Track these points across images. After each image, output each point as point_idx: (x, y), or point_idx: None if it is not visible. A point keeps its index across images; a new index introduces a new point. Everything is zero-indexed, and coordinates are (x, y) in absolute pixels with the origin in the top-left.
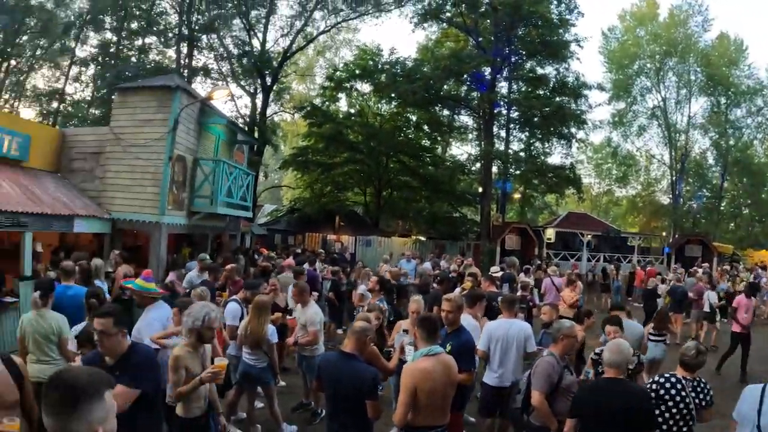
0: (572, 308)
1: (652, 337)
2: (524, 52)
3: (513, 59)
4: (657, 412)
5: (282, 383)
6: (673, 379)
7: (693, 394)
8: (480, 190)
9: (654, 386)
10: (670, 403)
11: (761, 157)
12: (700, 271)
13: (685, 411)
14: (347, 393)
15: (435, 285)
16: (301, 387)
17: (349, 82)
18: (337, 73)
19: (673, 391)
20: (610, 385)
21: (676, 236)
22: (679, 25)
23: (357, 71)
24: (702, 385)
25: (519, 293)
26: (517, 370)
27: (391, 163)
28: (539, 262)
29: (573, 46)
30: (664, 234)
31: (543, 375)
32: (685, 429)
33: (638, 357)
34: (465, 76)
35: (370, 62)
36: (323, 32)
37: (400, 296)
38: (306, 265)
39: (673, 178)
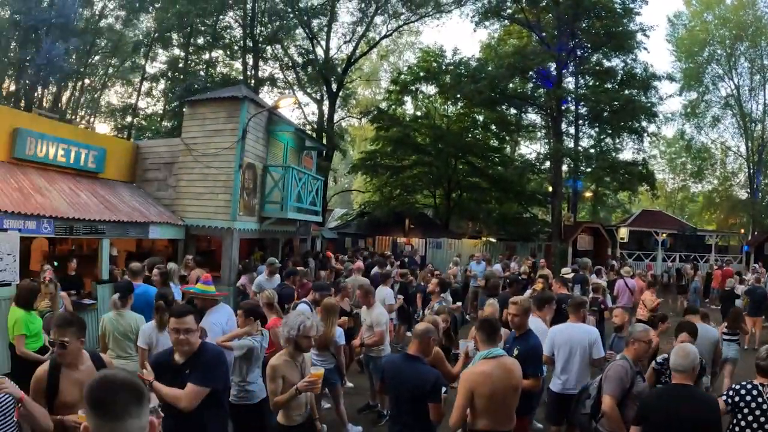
0: (653, 312)
1: (725, 337)
2: (589, 45)
3: (578, 53)
4: (734, 420)
5: (349, 384)
6: (749, 386)
7: None
8: (550, 189)
9: (730, 393)
10: (746, 410)
11: None
12: None
13: (763, 419)
14: (409, 395)
15: (505, 288)
16: (367, 388)
17: (413, 84)
18: (402, 76)
19: (748, 398)
20: (678, 392)
21: (756, 233)
22: (748, 6)
23: (421, 73)
24: None
25: (590, 295)
26: (582, 375)
27: (460, 164)
28: (613, 262)
29: (639, 36)
30: (742, 231)
31: (615, 379)
32: None
33: (701, 361)
34: (530, 73)
35: (434, 64)
36: (385, 36)
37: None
38: (375, 269)
39: (751, 171)
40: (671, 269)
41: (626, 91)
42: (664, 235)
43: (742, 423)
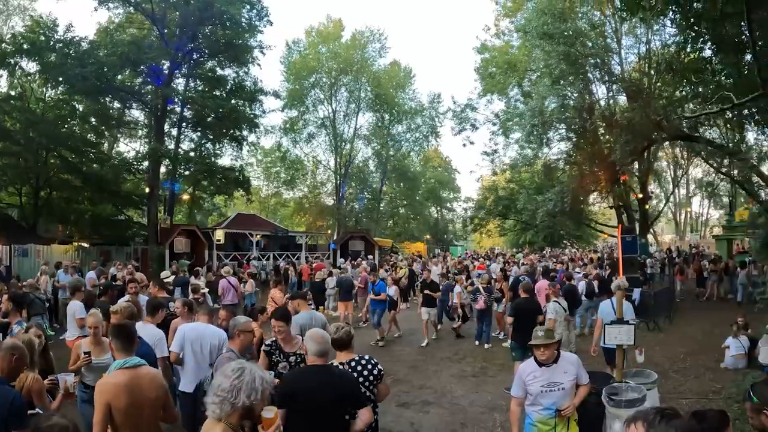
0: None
1: None
2: (207, 51)
3: (195, 56)
4: None
5: None
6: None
7: None
8: (147, 190)
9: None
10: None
11: (416, 166)
12: (365, 262)
13: None
14: None
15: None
16: None
17: (14, 57)
18: (3, 44)
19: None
20: (317, 370)
21: (341, 233)
22: (359, 48)
23: (25, 45)
24: None
25: (191, 296)
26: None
27: (51, 158)
28: (211, 263)
29: (256, 52)
30: (329, 232)
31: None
32: None
33: None
34: (143, 67)
35: (42, 37)
36: None
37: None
38: None
39: (338, 181)
40: (267, 267)
41: (233, 101)
42: (259, 236)
43: None
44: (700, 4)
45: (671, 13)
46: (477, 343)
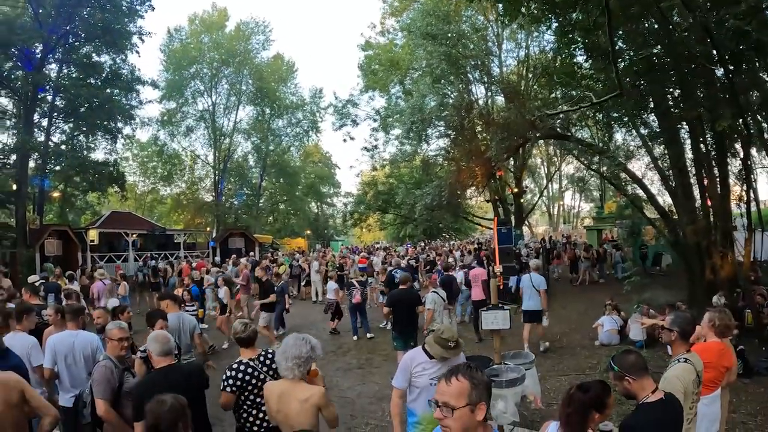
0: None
1: None
2: (83, 35)
3: (70, 40)
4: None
5: None
6: (236, 365)
7: None
8: (14, 188)
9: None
10: (249, 387)
11: (296, 161)
12: (243, 260)
13: (257, 390)
14: None
15: None
16: None
17: None
18: None
19: (247, 377)
20: (166, 372)
21: (220, 230)
22: (243, 39)
23: None
24: None
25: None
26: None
27: None
28: (85, 266)
29: (135, 38)
30: (208, 229)
31: (102, 381)
32: None
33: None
34: (13, 49)
35: None
36: None
37: None
38: None
39: (217, 177)
40: (144, 268)
41: (108, 90)
42: (135, 235)
43: (248, 402)
44: (575, 14)
45: (550, 21)
46: (356, 338)
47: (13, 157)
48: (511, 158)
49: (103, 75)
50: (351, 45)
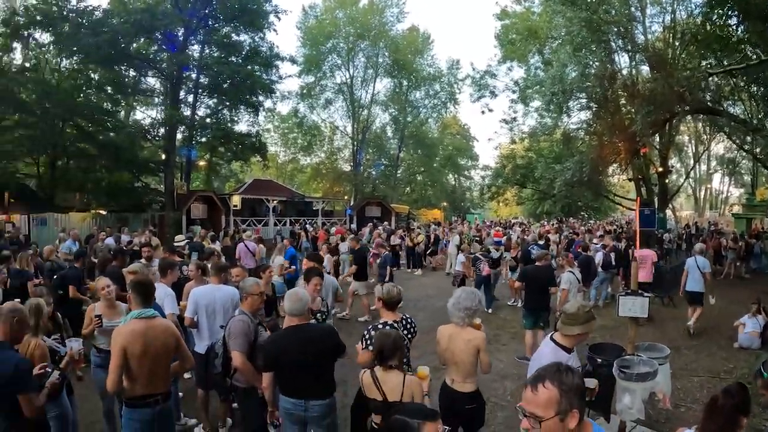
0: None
1: None
2: (222, 17)
3: (209, 22)
4: None
5: None
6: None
7: None
8: (164, 157)
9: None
10: None
11: (434, 132)
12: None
13: None
14: None
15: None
16: None
17: (27, 29)
18: (17, 17)
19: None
20: (293, 332)
21: (358, 199)
22: (377, 13)
23: (38, 17)
24: None
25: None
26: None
27: (68, 128)
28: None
29: (272, 17)
30: (346, 197)
31: (240, 334)
32: None
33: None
34: (157, 34)
35: (55, 8)
36: None
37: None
38: None
39: (355, 147)
40: (283, 232)
41: (249, 67)
42: (275, 201)
43: None
44: None
45: None
46: (489, 310)
47: (162, 130)
48: (657, 134)
49: (243, 53)
50: (487, 15)
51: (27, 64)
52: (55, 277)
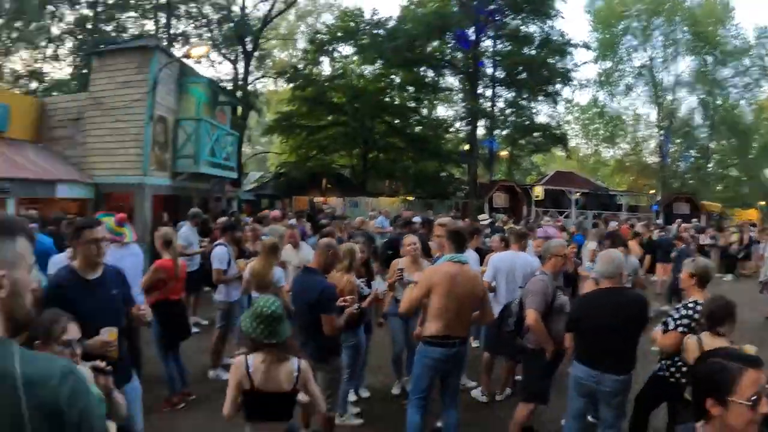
0: None
1: None
2: (507, 10)
3: (497, 17)
4: None
5: None
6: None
7: None
8: (467, 148)
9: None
10: None
11: (747, 117)
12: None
13: None
14: (304, 306)
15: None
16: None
17: (331, 44)
18: (319, 35)
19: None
20: (605, 294)
21: (665, 194)
22: None
23: (339, 33)
24: None
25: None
26: None
27: (377, 124)
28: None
29: (557, 4)
30: (652, 192)
31: (538, 293)
32: None
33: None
34: (448, 34)
35: (352, 24)
36: None
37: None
38: (294, 221)
39: (661, 137)
40: (583, 224)
41: (543, 55)
42: (578, 194)
43: None
44: None
45: None
46: None
47: (463, 123)
48: None
49: (535, 44)
50: None
51: (336, 73)
52: (385, 241)
